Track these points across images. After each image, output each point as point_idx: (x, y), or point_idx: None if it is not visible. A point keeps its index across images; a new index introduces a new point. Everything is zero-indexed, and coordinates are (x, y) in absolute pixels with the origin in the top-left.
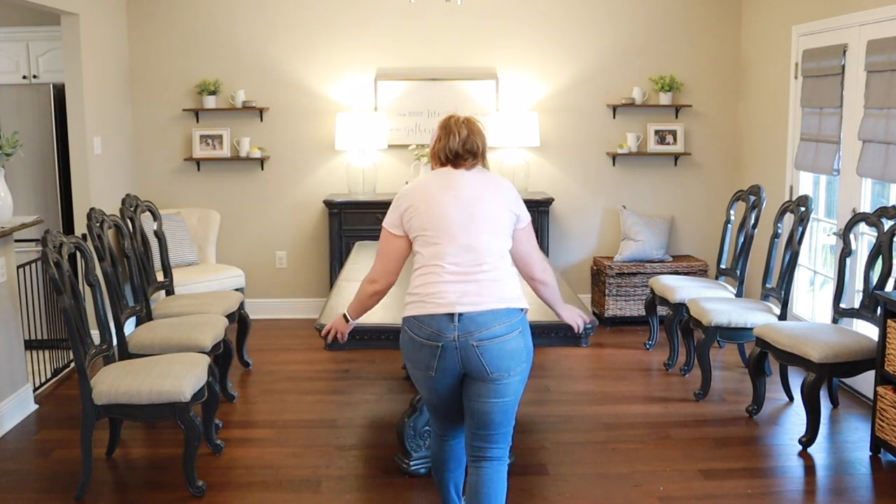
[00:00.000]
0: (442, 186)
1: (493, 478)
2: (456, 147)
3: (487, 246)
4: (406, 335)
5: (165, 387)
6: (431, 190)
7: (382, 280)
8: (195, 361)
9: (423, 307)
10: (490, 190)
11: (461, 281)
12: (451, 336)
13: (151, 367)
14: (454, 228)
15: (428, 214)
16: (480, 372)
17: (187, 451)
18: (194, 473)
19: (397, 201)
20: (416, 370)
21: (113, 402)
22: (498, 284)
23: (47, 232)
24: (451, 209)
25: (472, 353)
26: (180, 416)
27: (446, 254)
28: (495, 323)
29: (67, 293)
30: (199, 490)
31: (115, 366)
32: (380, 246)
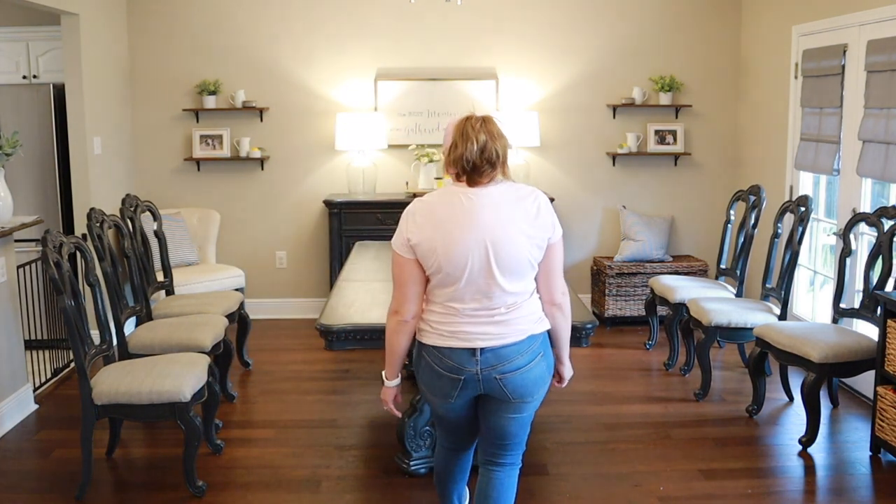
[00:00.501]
0: (458, 219)
1: (505, 482)
2: (473, 157)
3: (511, 289)
4: (424, 361)
5: (165, 387)
6: (445, 224)
7: (406, 309)
8: (195, 361)
9: (442, 339)
10: (518, 216)
11: (481, 323)
12: (473, 370)
13: (151, 367)
14: (473, 275)
15: (445, 255)
16: (502, 396)
17: (187, 451)
18: (194, 473)
19: (405, 223)
20: (432, 396)
21: (113, 402)
22: (520, 319)
23: (47, 232)
24: (470, 252)
25: (495, 384)
26: (180, 416)
27: (464, 298)
28: (518, 355)
29: (67, 293)
30: (199, 490)
31: (115, 366)
32: (394, 272)
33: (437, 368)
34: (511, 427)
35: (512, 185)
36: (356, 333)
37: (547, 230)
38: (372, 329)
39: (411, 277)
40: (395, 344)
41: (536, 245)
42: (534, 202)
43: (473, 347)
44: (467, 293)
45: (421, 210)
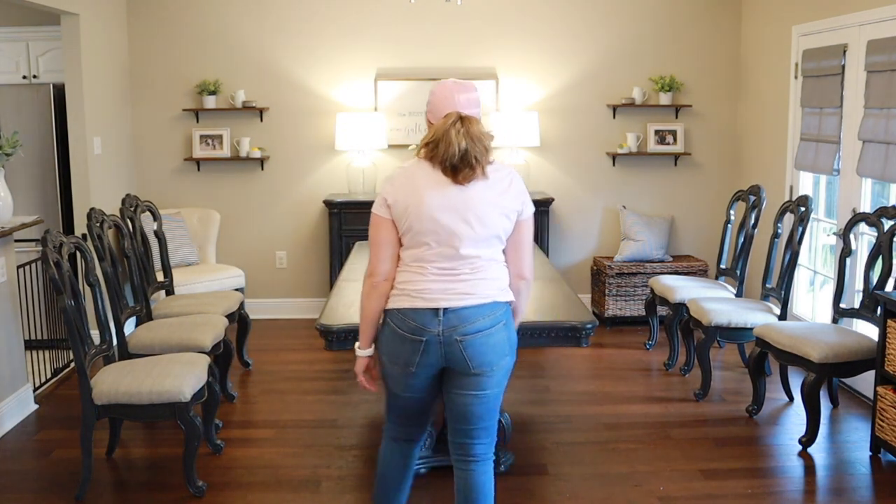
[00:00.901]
0: (434, 184)
1: (481, 479)
2: (454, 161)
3: (478, 253)
4: (388, 328)
5: (165, 387)
6: (422, 188)
7: (379, 270)
8: (195, 361)
9: (409, 300)
10: (492, 194)
11: (447, 280)
12: (435, 331)
13: (151, 367)
14: (443, 235)
15: (417, 214)
16: (463, 366)
17: (187, 451)
18: (194, 473)
19: (385, 186)
20: (393, 366)
21: (113, 402)
22: (485, 282)
23: (47, 232)
24: (441, 213)
25: (456, 347)
26: (180, 416)
27: (433, 257)
28: (479, 317)
29: (67, 293)
30: (199, 490)
31: (115, 366)
32: (372, 235)
33: (401, 332)
34: (475, 407)
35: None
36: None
37: (517, 203)
38: None
39: (386, 238)
40: (368, 308)
41: (505, 215)
42: (507, 176)
43: (437, 307)
44: (435, 253)
45: (400, 174)
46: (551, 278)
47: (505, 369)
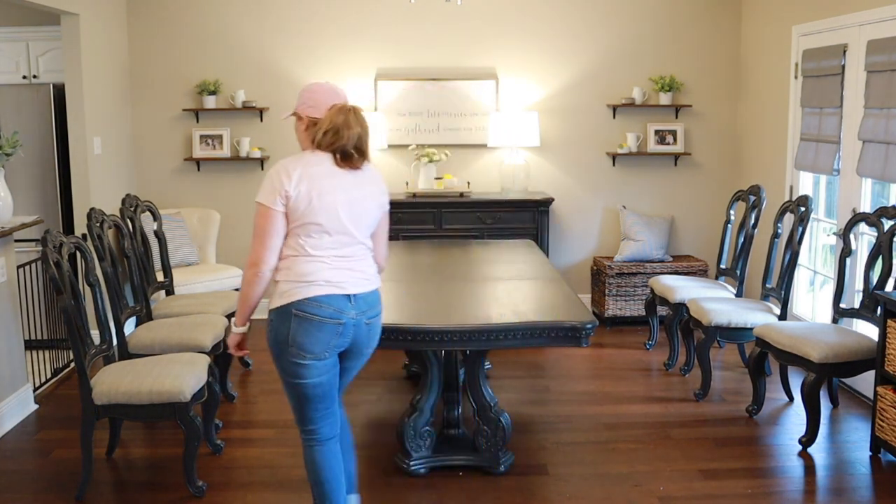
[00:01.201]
0: (331, 176)
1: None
2: (349, 148)
3: (364, 241)
4: (298, 320)
5: (165, 387)
6: (322, 180)
7: (266, 260)
8: (195, 361)
9: (320, 288)
10: (372, 188)
11: (346, 269)
12: (350, 314)
13: (151, 367)
14: (341, 227)
15: (320, 206)
16: (362, 347)
17: (187, 451)
18: (194, 473)
19: (279, 179)
20: (309, 355)
21: (113, 402)
22: (367, 270)
23: (47, 232)
24: (339, 205)
25: (363, 330)
26: (180, 416)
27: (331, 245)
28: (377, 302)
29: (67, 293)
30: (199, 490)
31: (115, 366)
32: (259, 225)
33: (319, 318)
34: (347, 383)
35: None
36: None
37: (385, 200)
38: None
39: (276, 230)
40: (251, 295)
41: (379, 206)
42: (374, 170)
43: (348, 293)
44: (333, 241)
45: (294, 167)
46: (551, 278)
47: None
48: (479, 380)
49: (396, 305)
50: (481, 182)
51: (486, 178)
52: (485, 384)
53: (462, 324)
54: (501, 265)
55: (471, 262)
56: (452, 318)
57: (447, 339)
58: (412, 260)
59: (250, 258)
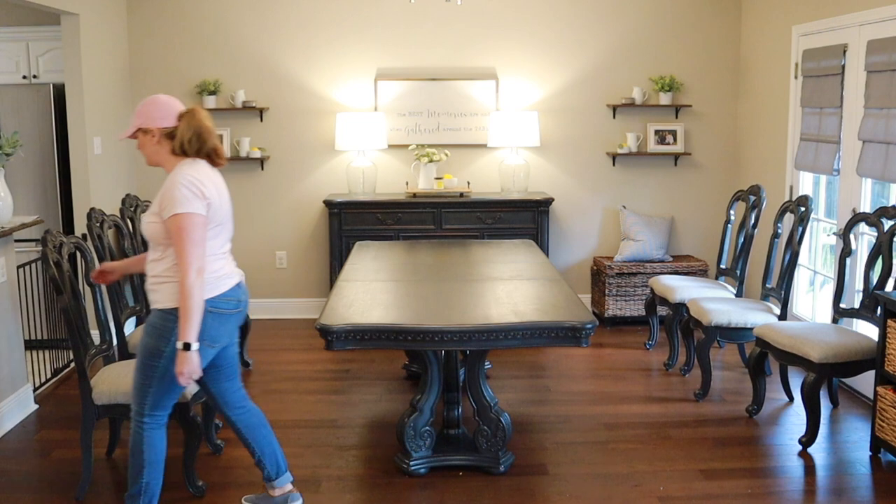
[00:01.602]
0: (217, 181)
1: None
2: (213, 148)
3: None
4: (211, 315)
5: None
6: (216, 186)
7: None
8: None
9: (231, 280)
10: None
11: (231, 261)
12: (245, 300)
13: None
14: (230, 224)
15: (220, 208)
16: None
17: (188, 450)
18: (194, 473)
19: (197, 187)
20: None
21: (113, 402)
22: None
23: (47, 232)
24: (227, 207)
25: (245, 313)
26: (181, 415)
27: (225, 242)
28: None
29: (67, 293)
30: (199, 490)
31: (115, 366)
32: (194, 235)
33: (227, 311)
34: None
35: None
36: (356, 333)
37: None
38: (372, 329)
39: (205, 234)
40: (200, 301)
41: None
42: None
43: (240, 281)
44: (225, 240)
45: (199, 174)
46: (551, 278)
47: None
48: (479, 380)
49: (396, 305)
50: (481, 182)
51: (486, 178)
52: (485, 384)
53: (462, 324)
54: (501, 265)
55: (471, 262)
56: (452, 318)
57: (447, 339)
58: (412, 260)
59: (194, 265)
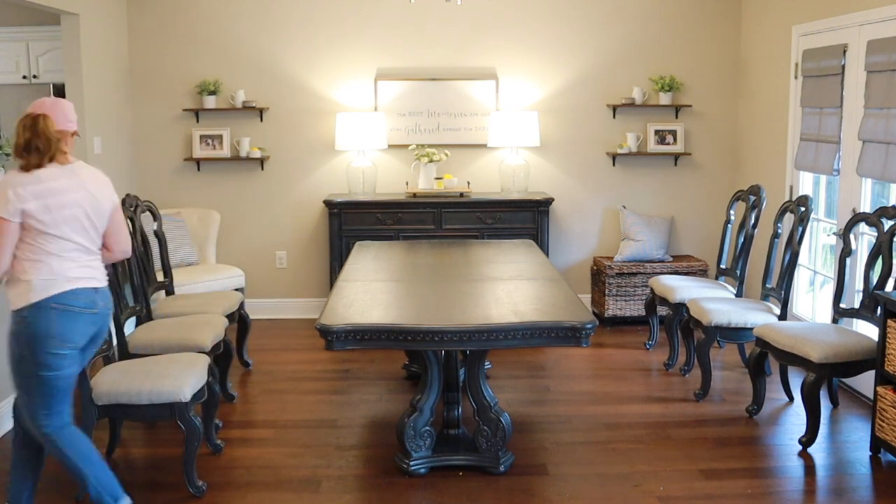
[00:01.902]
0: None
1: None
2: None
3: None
4: (54, 312)
5: (165, 387)
6: (57, 194)
7: (4, 265)
8: (195, 361)
9: (72, 283)
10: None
11: (83, 267)
12: (101, 305)
13: (151, 367)
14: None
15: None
16: (99, 338)
17: (187, 451)
18: (194, 473)
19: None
20: (64, 345)
21: (113, 402)
22: (101, 269)
23: None
24: (75, 212)
25: (105, 320)
26: (180, 416)
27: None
28: (110, 297)
29: None
30: (198, 490)
31: (115, 366)
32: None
33: (75, 309)
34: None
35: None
36: (356, 333)
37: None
38: (372, 329)
39: (12, 239)
40: None
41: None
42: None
43: (96, 287)
44: (74, 245)
45: (24, 183)
46: (551, 278)
47: None
48: (479, 380)
49: (396, 305)
50: (481, 182)
51: (486, 178)
52: (485, 384)
53: (462, 324)
54: (501, 265)
55: (471, 262)
56: (452, 318)
57: (447, 339)
58: (412, 260)
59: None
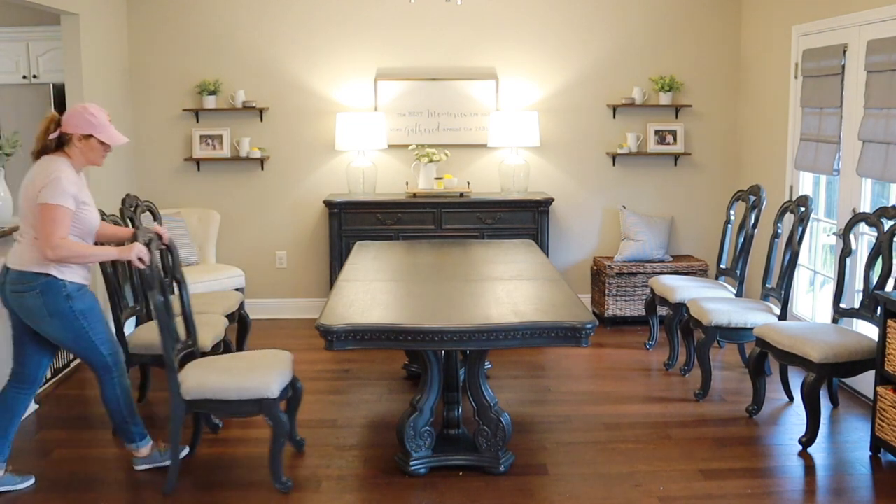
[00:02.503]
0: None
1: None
2: None
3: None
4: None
5: (254, 383)
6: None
7: None
8: (282, 359)
9: None
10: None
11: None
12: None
13: (236, 363)
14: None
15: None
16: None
17: (274, 447)
18: (280, 469)
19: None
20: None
21: (201, 397)
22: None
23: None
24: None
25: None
26: (268, 411)
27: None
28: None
29: (158, 289)
30: (284, 486)
31: (199, 363)
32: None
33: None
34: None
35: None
36: (356, 333)
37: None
38: (372, 329)
39: None
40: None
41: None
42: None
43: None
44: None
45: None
46: (551, 278)
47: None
48: (479, 380)
49: (396, 305)
50: (481, 182)
51: (486, 178)
52: (485, 384)
53: (462, 324)
54: (501, 265)
55: (471, 262)
56: (452, 318)
57: (447, 339)
58: (412, 260)
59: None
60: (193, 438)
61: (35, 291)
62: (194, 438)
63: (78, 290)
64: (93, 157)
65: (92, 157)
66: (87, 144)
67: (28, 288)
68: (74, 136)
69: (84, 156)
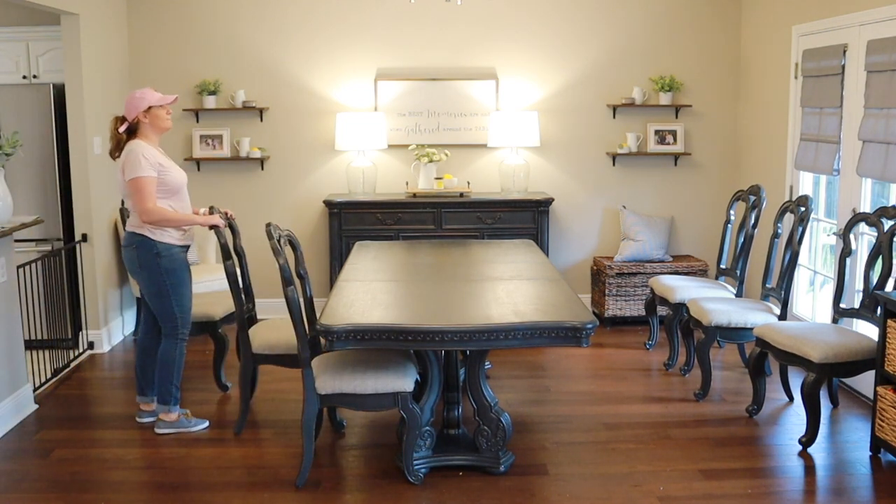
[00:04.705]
0: None
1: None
2: None
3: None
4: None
5: (389, 377)
6: None
7: None
8: (409, 355)
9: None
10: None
11: None
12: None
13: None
14: None
15: None
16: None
17: (408, 438)
18: (411, 460)
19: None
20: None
21: (337, 391)
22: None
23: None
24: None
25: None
26: (403, 405)
27: None
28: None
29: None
30: (417, 478)
31: (325, 358)
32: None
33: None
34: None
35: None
36: (357, 333)
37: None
38: (372, 329)
39: None
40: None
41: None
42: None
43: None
44: None
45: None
46: (551, 278)
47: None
48: (479, 380)
49: (396, 305)
50: (481, 182)
51: (486, 178)
52: (485, 384)
53: (462, 324)
54: (501, 265)
55: (471, 262)
56: (452, 318)
57: (447, 339)
58: (412, 260)
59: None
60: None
61: (132, 247)
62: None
63: (167, 249)
64: (160, 124)
65: (160, 124)
66: (151, 115)
67: (128, 244)
68: (139, 116)
69: (153, 127)
